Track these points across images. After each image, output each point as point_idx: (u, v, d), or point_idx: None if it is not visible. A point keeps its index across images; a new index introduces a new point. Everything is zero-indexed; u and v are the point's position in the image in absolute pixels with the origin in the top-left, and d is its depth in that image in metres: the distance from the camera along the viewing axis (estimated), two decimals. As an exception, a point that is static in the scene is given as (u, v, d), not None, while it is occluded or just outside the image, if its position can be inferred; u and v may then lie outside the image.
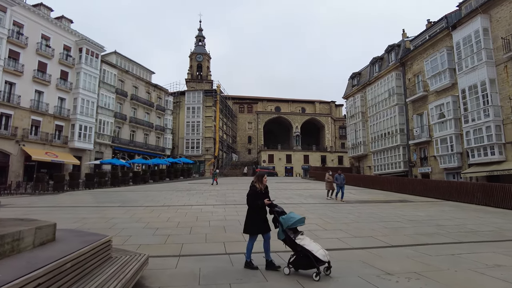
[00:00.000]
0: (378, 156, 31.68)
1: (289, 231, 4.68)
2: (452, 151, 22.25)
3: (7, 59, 25.12)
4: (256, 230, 5.00)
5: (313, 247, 4.48)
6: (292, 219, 4.67)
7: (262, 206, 4.95)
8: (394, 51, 30.97)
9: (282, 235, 4.74)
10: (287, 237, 4.67)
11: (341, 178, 14.84)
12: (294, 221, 4.65)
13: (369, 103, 33.46)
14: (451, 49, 22.56)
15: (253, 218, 5.00)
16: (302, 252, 4.49)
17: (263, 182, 5.17)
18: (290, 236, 4.65)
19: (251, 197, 5.04)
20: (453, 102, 22.27)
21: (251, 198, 5.02)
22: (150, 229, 8.04)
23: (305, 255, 4.46)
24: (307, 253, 4.43)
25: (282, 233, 4.73)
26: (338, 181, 14.79)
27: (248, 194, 5.11)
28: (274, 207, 4.96)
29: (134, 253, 4.41)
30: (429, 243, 6.73)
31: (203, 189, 21.38)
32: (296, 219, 4.66)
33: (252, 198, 5.00)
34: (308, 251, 4.43)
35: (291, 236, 4.65)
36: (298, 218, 4.70)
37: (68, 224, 8.46)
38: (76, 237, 3.96)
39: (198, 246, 6.37)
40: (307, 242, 4.56)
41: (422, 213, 11.37)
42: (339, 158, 56.67)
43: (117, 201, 14.21)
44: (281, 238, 4.77)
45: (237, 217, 9.90)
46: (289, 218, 4.72)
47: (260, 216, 4.98)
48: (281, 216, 4.81)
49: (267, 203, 4.94)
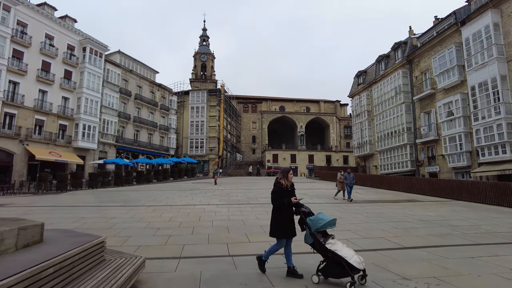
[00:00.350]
0: (385, 156, 31.18)
1: (317, 234, 4.20)
2: (461, 150, 21.73)
3: (11, 59, 25.05)
4: (287, 233, 4.45)
5: (346, 252, 3.98)
6: (322, 221, 4.16)
7: (289, 205, 4.43)
8: (400, 49, 30.45)
9: (310, 239, 4.22)
10: (315, 241, 4.16)
11: (350, 177, 14.45)
12: (324, 223, 4.13)
13: (375, 102, 32.96)
14: (460, 46, 22.03)
15: (279, 219, 4.50)
16: (334, 259, 4.00)
17: (289, 179, 4.65)
18: (320, 240, 4.15)
19: (276, 195, 4.53)
20: (462, 99, 21.75)
21: (276, 196, 4.52)
22: (151, 229, 7.75)
23: (337, 262, 3.97)
24: (340, 260, 3.93)
25: (310, 236, 4.21)
26: (348, 180, 14.40)
27: (272, 192, 4.62)
28: (300, 207, 4.44)
29: (129, 256, 4.10)
30: (444, 245, 6.35)
31: (207, 188, 21.11)
32: (326, 221, 4.14)
33: (277, 196, 4.50)
34: (340, 257, 3.93)
35: (320, 240, 4.15)
36: (328, 219, 4.17)
37: (67, 224, 8.22)
38: (67, 237, 3.66)
39: (200, 248, 6.06)
40: (339, 247, 4.06)
41: (433, 213, 10.96)
42: (344, 158, 56.10)
43: (119, 200, 13.97)
44: (309, 242, 4.25)
45: (241, 217, 9.60)
46: (317, 219, 4.20)
47: (287, 216, 4.47)
48: (308, 217, 4.29)
49: (294, 201, 4.41)
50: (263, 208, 11.62)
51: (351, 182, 14.38)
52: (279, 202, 4.45)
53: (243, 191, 18.89)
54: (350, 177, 14.44)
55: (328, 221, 4.15)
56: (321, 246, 4.13)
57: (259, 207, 11.83)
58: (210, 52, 66.58)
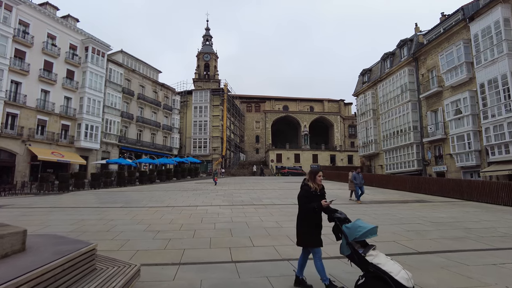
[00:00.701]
0: (390, 155, 30.66)
1: (356, 245, 3.66)
2: (469, 149, 21.19)
3: (13, 58, 24.93)
4: (316, 242, 3.96)
5: (391, 267, 3.39)
6: (361, 229, 3.59)
7: (318, 210, 3.92)
8: (406, 46, 29.90)
9: (347, 250, 3.67)
10: (354, 253, 3.62)
11: (359, 177, 13.88)
12: (364, 232, 3.57)
13: (381, 100, 32.43)
14: (468, 42, 21.49)
15: (308, 225, 4.00)
16: (376, 274, 3.42)
17: (317, 181, 4.13)
18: (358, 251, 3.60)
19: (303, 199, 4.05)
20: (470, 97, 21.21)
21: (304, 200, 4.03)
22: (150, 232, 7.43)
23: (379, 277, 3.38)
24: (383, 275, 3.35)
25: (346, 247, 3.67)
26: (357, 180, 13.80)
27: (299, 196, 4.14)
28: (334, 212, 3.90)
29: (123, 264, 3.77)
30: (461, 250, 5.96)
31: (210, 189, 20.80)
32: (366, 229, 3.58)
33: (306, 201, 4.01)
34: (384, 272, 3.35)
35: (359, 251, 3.60)
36: (368, 227, 3.60)
37: (65, 227, 7.94)
38: (53, 245, 3.33)
39: (201, 253, 5.71)
40: (383, 260, 3.48)
41: (444, 214, 10.54)
42: (349, 157, 55.57)
43: (120, 201, 13.69)
44: (345, 253, 3.71)
45: (245, 218, 9.25)
46: (356, 227, 3.65)
47: (316, 223, 4.00)
48: (345, 225, 3.75)
49: (324, 204, 3.86)
50: (267, 209, 11.28)
51: (361, 182, 13.82)
52: (307, 207, 3.97)
53: (247, 191, 18.56)
54: (359, 177, 13.88)
55: (369, 229, 3.58)
56: (360, 258, 3.58)
57: (263, 208, 11.48)
58: (213, 52, 66.36)
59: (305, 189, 4.10)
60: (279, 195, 16.63)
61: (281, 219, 9.10)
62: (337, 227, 3.83)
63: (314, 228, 3.98)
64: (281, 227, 7.95)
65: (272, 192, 18.37)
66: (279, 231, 7.46)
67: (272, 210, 10.94)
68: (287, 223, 8.55)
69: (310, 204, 3.93)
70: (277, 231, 7.45)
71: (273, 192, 18.03)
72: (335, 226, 3.86)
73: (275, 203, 13.01)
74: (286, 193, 17.37)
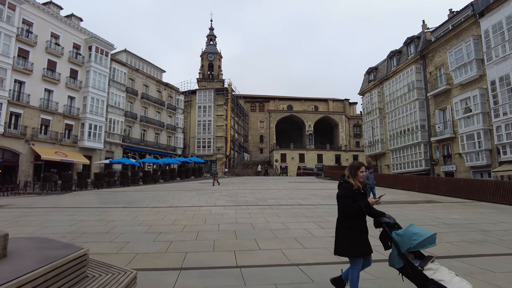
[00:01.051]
0: (397, 154, 30.14)
1: (409, 255, 3.05)
2: (479, 148, 20.66)
3: (16, 58, 24.83)
4: (361, 250, 3.31)
5: (458, 284, 2.72)
6: (416, 237, 2.95)
7: (365, 211, 3.27)
8: (413, 44, 29.36)
9: (398, 262, 3.03)
10: (408, 266, 2.97)
11: (372, 177, 13.04)
12: (420, 241, 2.91)
13: (387, 99, 31.91)
14: (478, 38, 20.96)
15: (349, 230, 3.32)
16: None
17: (359, 178, 3.46)
18: (414, 264, 2.96)
19: (345, 199, 3.32)
20: (480, 95, 20.67)
21: (346, 200, 3.32)
22: (151, 233, 7.10)
23: None
24: None
25: (398, 258, 3.03)
26: (370, 181, 12.84)
27: (339, 196, 3.42)
28: (381, 216, 3.27)
29: (118, 270, 3.43)
30: (482, 254, 5.55)
31: (214, 188, 20.48)
32: (422, 237, 2.92)
33: (347, 201, 3.30)
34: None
35: (415, 264, 2.96)
36: (426, 235, 2.95)
37: (63, 228, 7.65)
38: (39, 250, 3.01)
39: (204, 256, 5.37)
40: (447, 277, 2.79)
41: (458, 215, 10.09)
42: (354, 157, 54.95)
43: (122, 201, 13.41)
44: (397, 266, 3.07)
45: (250, 219, 8.90)
46: (410, 234, 3.00)
47: (360, 227, 3.34)
48: (395, 232, 3.12)
49: (372, 202, 3.24)
50: (273, 210, 10.92)
51: (373, 182, 13.05)
52: (352, 207, 3.25)
53: (251, 191, 18.22)
54: (371, 177, 13.05)
55: (426, 237, 2.92)
56: (417, 272, 2.91)
57: (268, 209, 11.12)
58: (217, 52, 66.06)
59: (346, 188, 3.40)
60: (284, 195, 16.26)
61: (288, 221, 8.74)
62: (385, 234, 3.20)
63: (357, 234, 3.30)
64: (288, 229, 7.59)
65: (277, 192, 18.01)
66: (286, 233, 7.10)
67: (278, 211, 10.57)
68: (294, 224, 8.19)
69: (356, 204, 3.24)
70: (284, 233, 7.09)
71: (278, 192, 17.66)
72: (384, 233, 3.23)
73: (280, 204, 12.65)
74: (292, 193, 17.00)
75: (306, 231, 7.37)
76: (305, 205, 12.28)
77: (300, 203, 12.76)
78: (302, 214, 9.99)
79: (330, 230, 7.51)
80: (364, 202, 3.23)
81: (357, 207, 3.21)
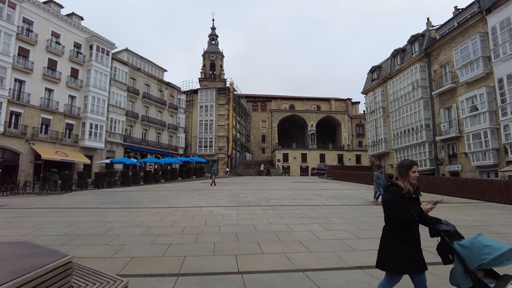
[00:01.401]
0: (401, 154, 29.71)
1: (479, 273, 2.41)
2: (486, 147, 20.22)
3: (16, 57, 24.62)
4: (410, 267, 2.69)
5: None
6: (489, 250, 2.32)
7: (418, 219, 2.69)
8: (417, 42, 28.91)
9: (465, 281, 2.43)
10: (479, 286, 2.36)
11: (383, 177, 12.83)
12: (496, 256, 2.27)
13: (391, 98, 31.47)
14: (485, 35, 20.52)
15: (397, 243, 2.70)
16: None
17: (412, 179, 2.79)
18: (488, 285, 2.32)
19: (393, 205, 2.70)
20: (487, 93, 20.23)
21: (394, 207, 2.68)
22: (149, 235, 6.80)
23: None
24: None
25: (465, 276, 2.42)
26: (381, 180, 12.71)
27: (385, 201, 2.79)
28: (437, 223, 2.67)
29: (107, 279, 3.12)
30: (500, 259, 5.19)
31: (215, 188, 20.18)
32: (499, 251, 2.27)
33: (396, 208, 2.66)
34: None
35: (490, 285, 2.32)
36: (503, 248, 2.28)
37: (58, 229, 7.36)
38: (18, 258, 2.69)
39: (203, 261, 5.05)
40: None
41: (468, 217, 9.73)
42: (357, 157, 54.61)
43: (121, 202, 13.13)
44: (463, 286, 2.45)
45: (252, 221, 8.58)
46: (480, 247, 2.37)
47: (411, 238, 2.70)
48: (457, 242, 2.54)
49: (426, 208, 2.60)
50: (275, 211, 10.59)
51: (384, 182, 12.68)
52: (402, 215, 2.62)
53: (253, 192, 17.90)
54: (382, 177, 12.89)
55: (505, 251, 2.26)
56: None
57: (270, 210, 10.80)
58: (219, 51, 65.82)
59: (394, 192, 2.77)
60: (287, 195, 15.94)
61: (291, 222, 8.41)
62: (446, 245, 2.59)
63: (407, 247, 2.68)
64: (292, 231, 7.26)
65: (280, 192, 17.69)
66: (290, 236, 6.77)
67: (280, 212, 10.25)
68: (298, 226, 7.87)
69: (408, 213, 2.62)
70: (288, 236, 6.77)
71: (280, 193, 17.34)
72: (443, 244, 2.62)
73: (283, 204, 12.32)
74: (294, 194, 16.68)
75: (311, 233, 7.04)
76: (309, 205, 11.95)
77: (303, 204, 12.43)
78: (306, 215, 9.66)
79: (335, 232, 7.19)
80: (417, 209, 2.63)
81: (408, 216, 2.60)
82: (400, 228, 2.70)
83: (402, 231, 2.69)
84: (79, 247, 5.81)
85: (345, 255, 5.31)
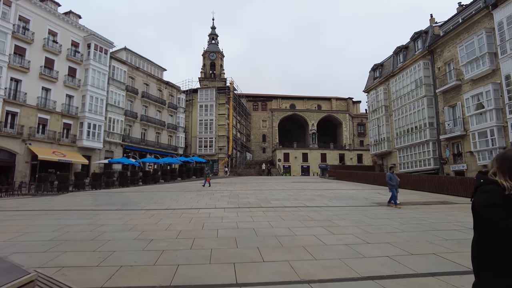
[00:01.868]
0: (404, 153, 29.21)
1: None
2: (493, 146, 19.71)
3: (12, 55, 24.19)
4: None
5: None
6: None
7: None
8: (421, 39, 28.40)
9: None
10: None
11: (395, 178, 11.98)
12: None
13: (393, 96, 30.97)
14: (491, 31, 20.01)
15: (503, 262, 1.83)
16: None
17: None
18: None
19: (489, 210, 1.87)
20: (494, 90, 19.72)
21: (493, 212, 1.85)
22: (142, 240, 6.32)
23: None
24: None
25: None
26: (393, 181, 11.77)
27: (478, 205, 1.96)
28: None
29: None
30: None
31: (215, 189, 19.70)
32: None
33: (496, 213, 1.84)
34: None
35: None
36: None
37: (45, 234, 6.90)
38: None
39: (198, 270, 4.57)
40: None
41: (479, 218, 9.22)
42: (358, 156, 54.07)
43: (117, 203, 12.66)
44: None
45: (252, 224, 8.10)
46: None
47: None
48: None
49: None
50: (277, 212, 10.11)
51: (397, 183, 12.00)
52: (505, 223, 1.79)
53: (254, 192, 17.43)
54: (395, 177, 12.03)
55: None
56: None
57: (272, 211, 10.31)
58: (219, 51, 65.38)
59: (491, 192, 1.93)
60: (288, 195, 15.46)
61: (294, 225, 7.92)
62: None
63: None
64: (295, 235, 6.77)
65: (281, 192, 17.21)
66: (293, 241, 6.29)
67: (282, 214, 9.77)
68: (301, 229, 7.38)
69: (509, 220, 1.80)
70: (291, 241, 6.28)
71: (281, 193, 16.85)
72: None
73: (285, 205, 11.85)
74: (296, 194, 16.20)
75: (315, 237, 6.56)
76: (312, 207, 11.47)
77: (306, 205, 11.94)
78: (309, 217, 9.18)
79: (341, 236, 6.71)
80: None
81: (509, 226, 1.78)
82: (499, 239, 1.86)
83: (502, 244, 1.86)
84: (63, 254, 5.35)
85: (354, 263, 4.83)
